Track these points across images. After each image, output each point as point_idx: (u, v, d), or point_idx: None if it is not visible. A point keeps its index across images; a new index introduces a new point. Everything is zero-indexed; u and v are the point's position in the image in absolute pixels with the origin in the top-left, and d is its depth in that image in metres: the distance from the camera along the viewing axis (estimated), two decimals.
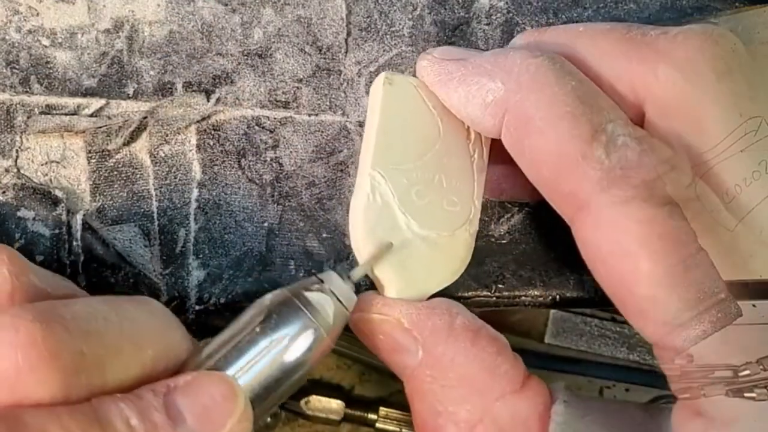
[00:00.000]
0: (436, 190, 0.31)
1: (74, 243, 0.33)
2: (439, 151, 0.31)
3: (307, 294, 0.28)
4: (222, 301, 0.33)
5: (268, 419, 0.63)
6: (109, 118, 0.33)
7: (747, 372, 0.25)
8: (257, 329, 0.27)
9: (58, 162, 0.33)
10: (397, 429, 0.63)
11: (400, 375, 0.31)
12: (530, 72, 0.28)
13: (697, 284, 0.25)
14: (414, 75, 0.32)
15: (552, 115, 0.27)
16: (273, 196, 0.34)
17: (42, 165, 0.33)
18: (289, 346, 0.27)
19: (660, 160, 0.26)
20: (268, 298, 0.28)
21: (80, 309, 0.25)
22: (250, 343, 0.27)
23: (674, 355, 0.26)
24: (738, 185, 0.27)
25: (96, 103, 0.33)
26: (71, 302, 0.26)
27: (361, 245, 0.31)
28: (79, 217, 0.33)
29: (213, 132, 0.33)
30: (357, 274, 0.30)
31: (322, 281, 0.29)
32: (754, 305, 0.26)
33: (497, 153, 0.32)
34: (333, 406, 0.62)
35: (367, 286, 0.32)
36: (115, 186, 0.33)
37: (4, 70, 0.32)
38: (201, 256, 0.33)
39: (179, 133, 0.33)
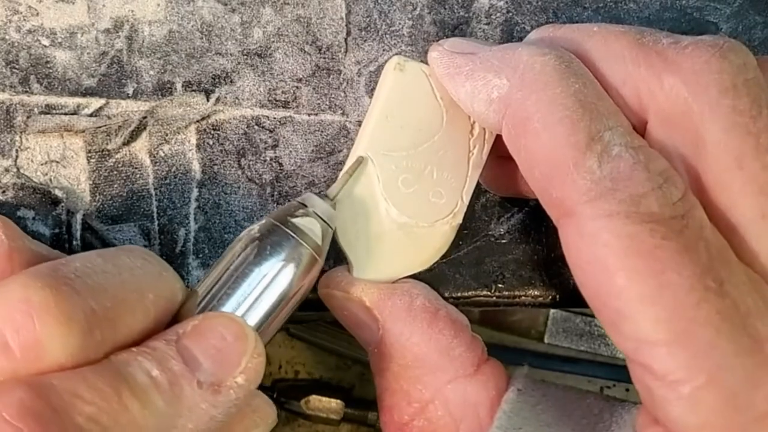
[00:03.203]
0: (425, 180, 0.31)
1: (74, 242, 0.33)
2: (437, 142, 0.31)
3: (294, 220, 0.29)
4: None
5: None
6: (108, 117, 0.33)
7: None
8: (251, 261, 0.28)
9: (57, 162, 0.33)
10: None
11: (366, 350, 0.32)
12: (535, 70, 0.28)
13: (669, 304, 0.25)
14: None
15: (550, 117, 0.27)
16: (273, 195, 0.34)
17: (42, 165, 0.33)
18: (285, 272, 0.28)
19: (653, 173, 0.26)
20: (255, 228, 0.29)
21: (80, 266, 0.25)
22: (246, 276, 0.28)
23: (640, 369, 0.26)
24: (731, 204, 0.27)
25: (96, 102, 0.33)
26: (69, 260, 0.26)
27: (337, 225, 0.31)
28: (78, 217, 0.33)
29: (213, 132, 0.33)
30: (334, 190, 0.31)
31: (304, 205, 0.29)
32: None
33: (505, 149, 0.32)
34: (333, 405, 0.62)
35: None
36: (115, 186, 0.33)
37: (4, 70, 0.32)
38: (201, 255, 0.33)
39: (179, 133, 0.33)
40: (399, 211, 0.31)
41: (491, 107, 0.29)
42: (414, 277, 0.33)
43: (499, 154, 0.32)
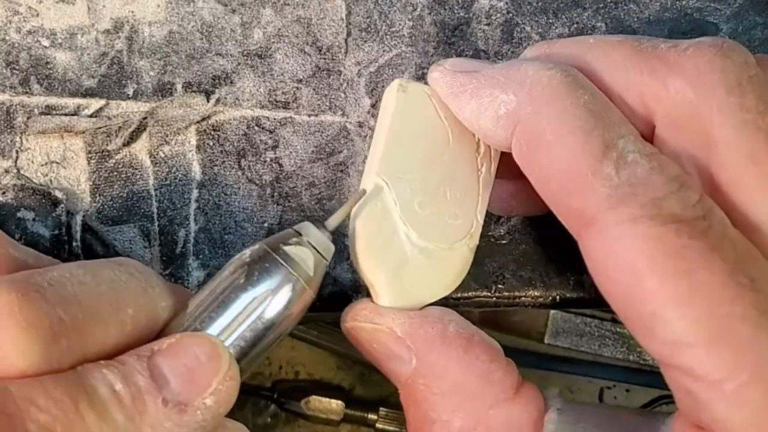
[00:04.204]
0: (440, 201, 0.31)
1: (74, 244, 0.33)
2: (447, 162, 0.31)
3: (286, 248, 0.28)
4: None
5: (268, 419, 0.63)
6: (109, 118, 0.33)
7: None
8: (238, 286, 0.27)
9: (58, 162, 0.33)
10: (398, 429, 0.63)
11: (395, 383, 0.31)
12: (542, 84, 0.28)
13: (704, 303, 0.25)
14: (425, 81, 0.32)
15: (563, 129, 0.27)
16: (273, 196, 0.34)
17: (42, 165, 0.33)
18: (271, 300, 0.27)
19: (669, 177, 0.26)
20: (246, 253, 0.28)
21: (56, 275, 0.25)
22: (232, 300, 0.27)
23: (678, 372, 0.26)
24: (747, 201, 0.27)
25: (96, 103, 0.33)
26: (47, 270, 0.26)
27: (359, 253, 0.30)
28: (78, 218, 0.33)
29: (213, 132, 0.33)
30: (333, 222, 0.30)
31: (299, 234, 0.29)
32: None
33: (506, 169, 0.31)
34: (333, 406, 0.62)
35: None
36: (115, 187, 0.33)
37: (4, 71, 0.32)
38: (201, 256, 0.33)
39: (179, 134, 0.33)
40: (418, 234, 0.30)
41: (499, 123, 0.29)
42: None
43: (500, 175, 0.32)
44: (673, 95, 0.28)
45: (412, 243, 0.30)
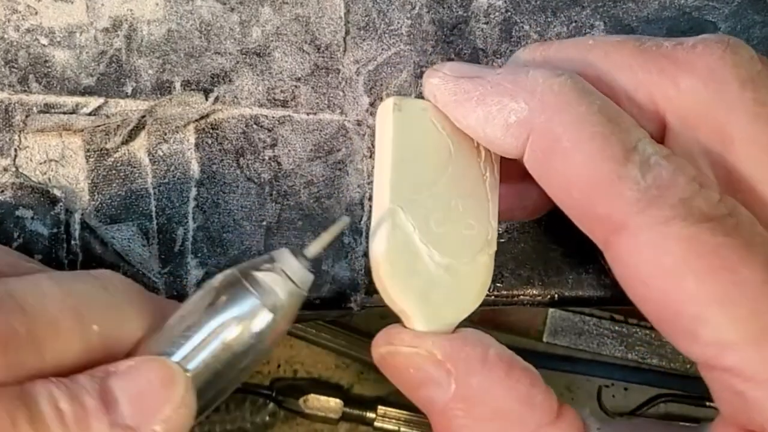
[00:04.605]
0: (454, 215, 0.31)
1: (73, 242, 0.33)
2: (452, 174, 0.31)
3: (257, 274, 0.27)
4: None
5: (267, 417, 0.63)
6: (107, 116, 0.33)
7: None
8: (204, 311, 0.27)
9: (56, 161, 0.33)
10: (396, 428, 0.63)
11: (428, 410, 0.30)
12: (554, 92, 0.27)
13: (747, 301, 0.24)
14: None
15: (580, 135, 0.26)
16: (271, 194, 0.34)
17: (40, 164, 0.32)
18: (237, 328, 0.26)
19: (689, 178, 0.26)
20: (217, 278, 0.27)
21: (19, 285, 0.25)
22: (197, 326, 0.26)
23: (725, 374, 0.25)
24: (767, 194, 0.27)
25: (94, 101, 0.33)
26: (13, 279, 0.25)
27: (386, 283, 0.30)
28: (77, 216, 0.33)
29: (211, 131, 0.33)
30: (312, 251, 0.28)
31: (273, 260, 0.27)
32: None
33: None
34: (331, 404, 0.62)
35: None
36: (114, 185, 0.33)
37: (3, 69, 0.32)
38: (199, 255, 0.33)
39: (178, 132, 0.33)
40: (440, 252, 0.30)
41: (509, 132, 0.28)
42: None
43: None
44: (684, 92, 0.27)
45: (436, 263, 0.30)
